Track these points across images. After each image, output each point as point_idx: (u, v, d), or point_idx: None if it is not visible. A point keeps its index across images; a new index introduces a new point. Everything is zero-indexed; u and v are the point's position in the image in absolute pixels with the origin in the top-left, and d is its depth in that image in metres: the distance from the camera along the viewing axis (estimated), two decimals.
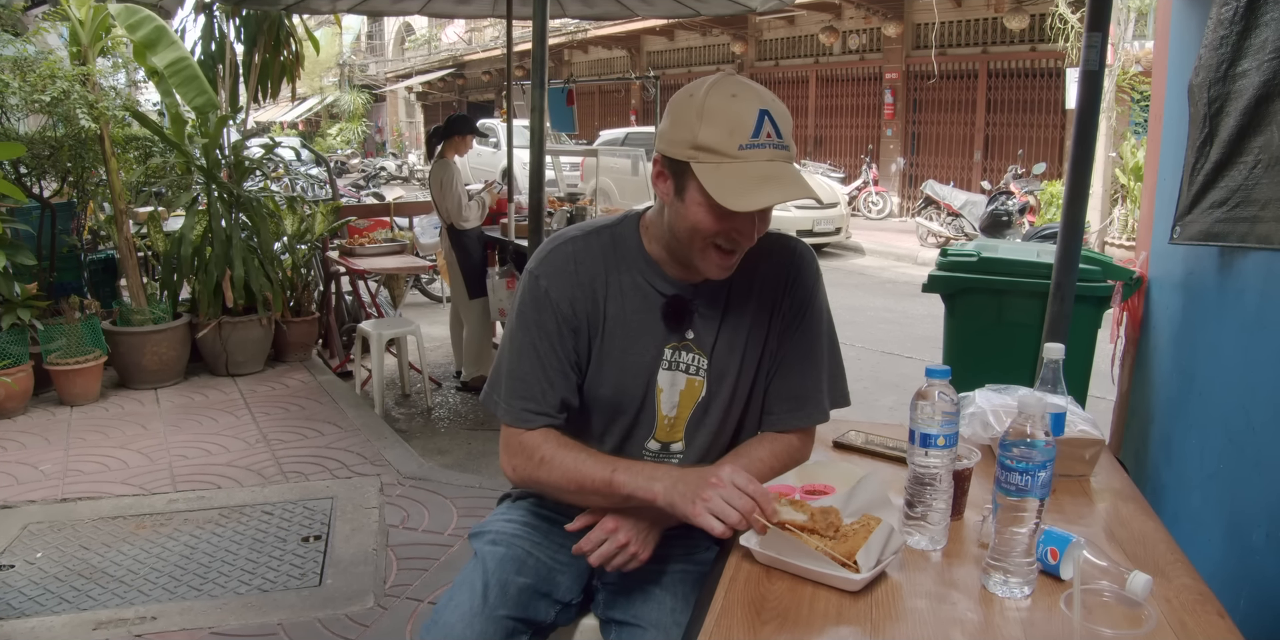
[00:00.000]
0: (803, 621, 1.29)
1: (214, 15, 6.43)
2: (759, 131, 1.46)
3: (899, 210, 15.26)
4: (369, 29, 35.34)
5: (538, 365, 1.64)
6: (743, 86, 1.50)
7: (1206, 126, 2.29)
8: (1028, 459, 1.30)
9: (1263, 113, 2.04)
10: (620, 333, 1.66)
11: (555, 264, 1.66)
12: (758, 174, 1.46)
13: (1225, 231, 2.21)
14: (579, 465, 1.59)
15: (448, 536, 3.54)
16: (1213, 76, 2.26)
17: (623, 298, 1.66)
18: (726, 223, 1.51)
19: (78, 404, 5.10)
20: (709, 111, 1.47)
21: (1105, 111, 10.03)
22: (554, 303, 1.64)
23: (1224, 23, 2.21)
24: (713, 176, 1.46)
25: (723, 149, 1.46)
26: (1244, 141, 2.13)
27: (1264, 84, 2.02)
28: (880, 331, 7.40)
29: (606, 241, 1.69)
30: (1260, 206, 2.05)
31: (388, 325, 5.34)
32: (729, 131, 1.46)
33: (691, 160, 1.48)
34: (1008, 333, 3.41)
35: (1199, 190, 2.32)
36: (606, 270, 1.66)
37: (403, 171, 24.74)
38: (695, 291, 1.67)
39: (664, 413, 1.71)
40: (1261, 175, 2.06)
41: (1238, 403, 2.17)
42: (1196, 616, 1.28)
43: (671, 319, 1.66)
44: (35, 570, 3.23)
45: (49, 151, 5.20)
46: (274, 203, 6.04)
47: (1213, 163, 2.25)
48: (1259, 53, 2.04)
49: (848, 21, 15.83)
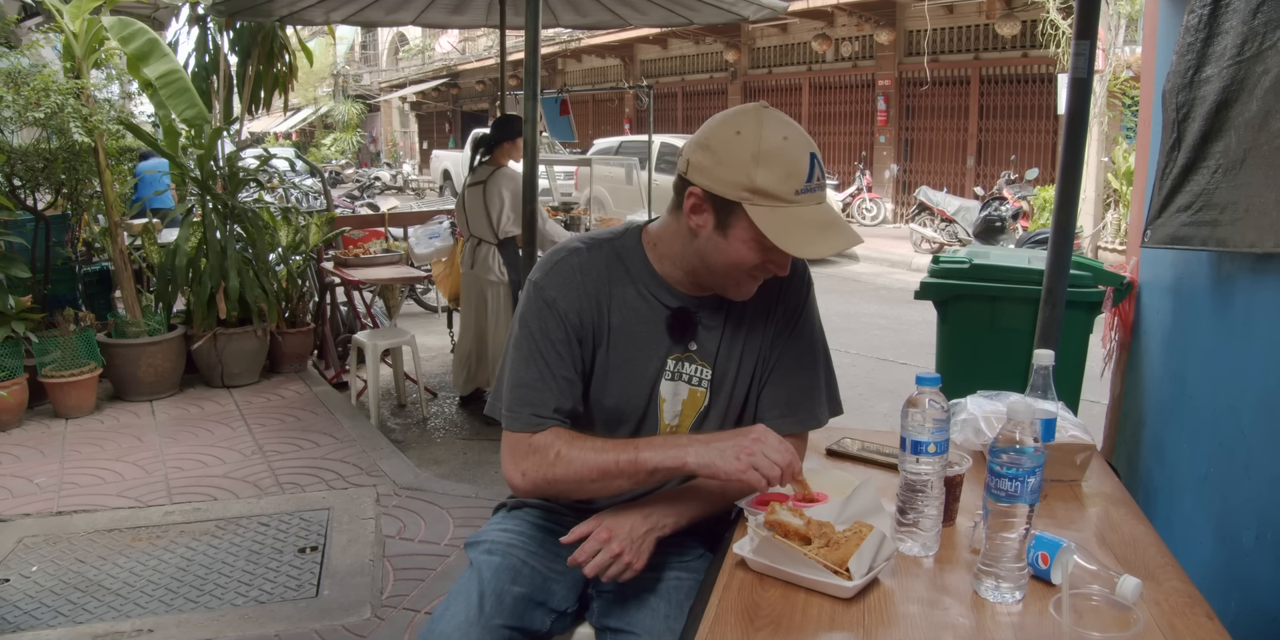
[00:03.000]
0: (795, 629, 1.30)
1: (208, 27, 6.44)
2: (811, 176, 1.51)
3: (893, 216, 15.30)
4: (363, 39, 35.39)
5: (546, 373, 1.64)
6: (790, 127, 1.53)
7: (1175, 132, 2.32)
8: (1017, 465, 1.31)
9: (1223, 118, 2.07)
10: (624, 344, 1.68)
11: (562, 275, 1.67)
12: (815, 219, 1.52)
13: (1189, 235, 2.24)
14: (599, 453, 1.58)
15: (444, 546, 3.54)
16: (1180, 83, 2.29)
17: (626, 309, 1.68)
18: (768, 258, 1.56)
19: (73, 416, 5.10)
20: (765, 155, 1.48)
21: (1097, 116, 10.08)
22: (561, 313, 1.65)
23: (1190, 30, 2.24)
24: (769, 220, 1.49)
25: (781, 194, 1.49)
26: (1207, 146, 2.16)
27: (1223, 89, 2.05)
28: (875, 338, 7.41)
29: (610, 254, 1.70)
30: (1220, 210, 2.08)
31: (383, 336, 5.34)
32: (786, 176, 1.49)
33: (745, 202, 1.50)
34: (1000, 339, 3.42)
35: (1167, 194, 2.36)
36: (610, 282, 1.68)
37: (397, 181, 24.77)
38: (699, 303, 1.70)
39: (666, 422, 1.73)
40: (1221, 179, 2.08)
41: (1228, 406, 2.19)
42: (1186, 619, 1.29)
43: (676, 330, 1.69)
44: (31, 584, 3.22)
45: (43, 164, 5.21)
46: (268, 214, 6.04)
47: (1180, 167, 2.29)
48: (1219, 59, 2.07)
49: (840, 29, 15.89)
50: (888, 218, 15.19)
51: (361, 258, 5.93)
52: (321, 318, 6.31)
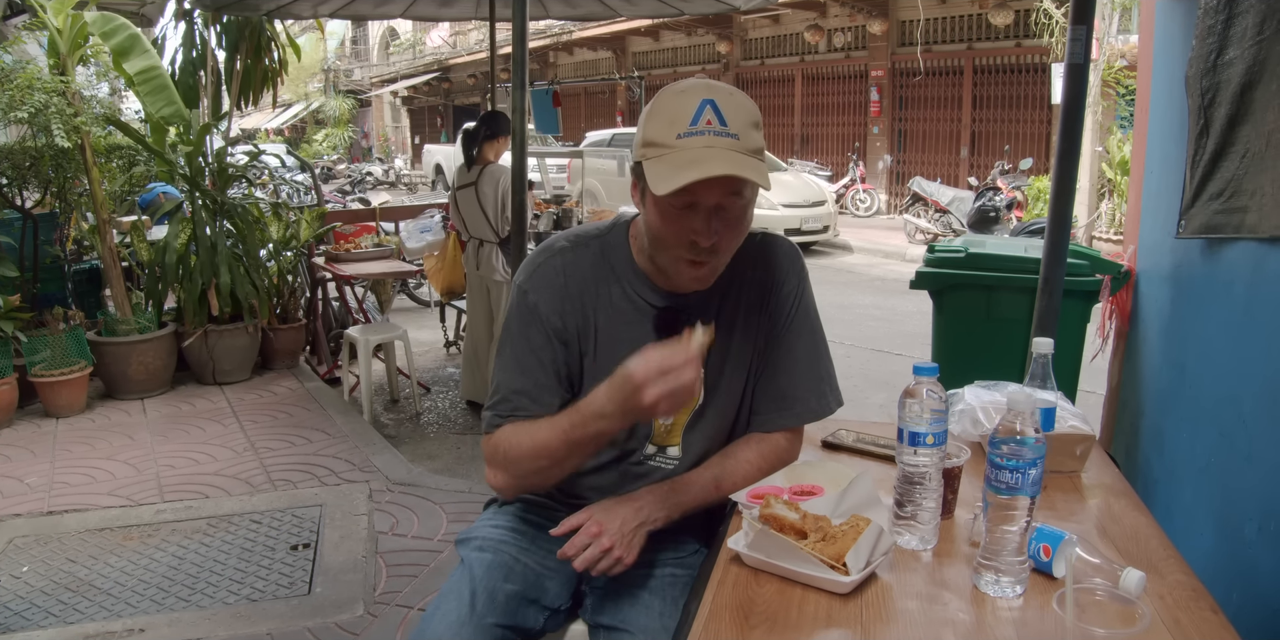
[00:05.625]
0: (792, 625, 1.27)
1: (194, 22, 6.39)
2: (698, 119, 1.44)
3: (886, 207, 15.28)
4: (353, 34, 35.28)
5: (523, 378, 1.63)
6: (695, 84, 1.50)
7: (1202, 118, 2.27)
8: (1018, 456, 1.29)
9: (1248, 100, 2.03)
10: (612, 345, 1.63)
11: (544, 278, 1.64)
12: (688, 158, 1.43)
13: (1222, 223, 2.19)
14: (534, 439, 1.54)
15: (437, 542, 3.51)
16: (1203, 67, 2.24)
17: (613, 310, 1.64)
18: (680, 225, 1.49)
19: (63, 416, 5.06)
20: (655, 109, 1.49)
21: (1091, 106, 10.05)
22: (543, 317, 1.62)
23: (1210, 11, 2.20)
24: (653, 169, 1.46)
25: (664, 141, 1.46)
26: (1234, 131, 2.11)
27: (1247, 71, 2.00)
28: (869, 329, 7.39)
29: (596, 252, 1.66)
30: (1250, 196, 2.03)
31: (375, 331, 5.31)
32: (669, 122, 1.46)
33: (642, 159, 1.48)
34: (996, 328, 3.40)
35: (1199, 183, 2.30)
36: (596, 283, 1.64)
37: (389, 176, 24.71)
38: (686, 302, 1.65)
39: (660, 421, 1.69)
40: (1250, 164, 2.04)
41: (1228, 395, 2.16)
42: (1190, 613, 1.26)
43: (663, 331, 1.63)
44: (21, 584, 3.19)
45: (30, 162, 5.16)
46: (259, 209, 6.00)
47: (1209, 154, 2.23)
48: (1241, 41, 2.03)
49: (833, 19, 15.85)
50: (881, 209, 15.17)
51: (353, 253, 5.90)
52: (313, 313, 6.28)
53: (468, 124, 5.49)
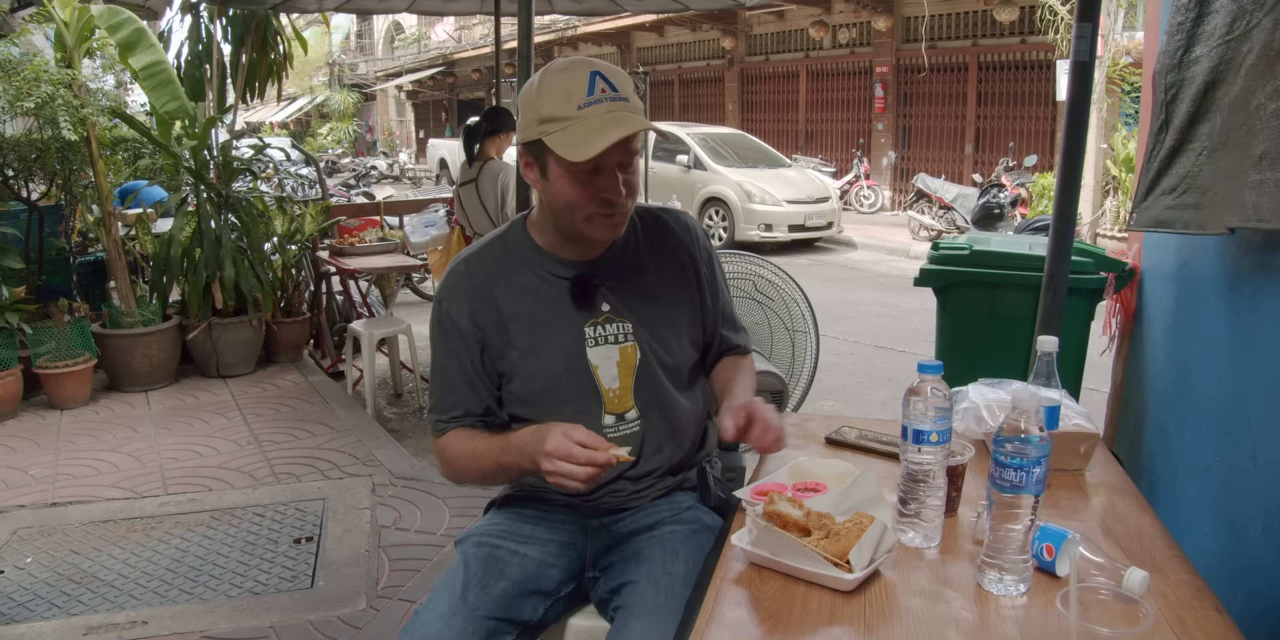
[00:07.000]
0: (795, 622, 1.27)
1: (200, 15, 6.38)
2: (593, 90, 1.54)
3: (890, 204, 15.25)
4: (358, 28, 35.24)
5: (448, 382, 1.75)
6: (574, 60, 1.59)
7: (1163, 113, 2.29)
8: (1022, 455, 1.28)
9: (1210, 99, 2.04)
10: (532, 327, 1.71)
11: (451, 286, 1.75)
12: (598, 124, 1.53)
13: (1174, 218, 2.22)
14: (473, 452, 1.71)
15: (440, 536, 3.51)
16: (1169, 63, 2.26)
17: (528, 294, 1.72)
18: (592, 187, 1.58)
19: (67, 407, 5.07)
20: (545, 87, 1.57)
21: (1096, 103, 10.03)
22: (455, 321, 1.73)
23: (1180, 9, 2.21)
24: (561, 140, 1.53)
25: (564, 114, 1.54)
26: (1194, 128, 2.13)
27: (1211, 70, 2.01)
28: (873, 326, 7.38)
29: (499, 250, 1.77)
30: (1202, 193, 2.05)
31: (379, 325, 5.31)
32: (566, 96, 1.54)
33: (542, 135, 1.55)
34: (1000, 326, 3.39)
35: (1154, 177, 2.33)
36: (505, 275, 1.73)
37: (394, 170, 24.70)
38: (595, 267, 1.73)
39: (606, 387, 1.73)
40: (1205, 162, 2.05)
41: (1233, 394, 2.16)
42: (1194, 613, 1.26)
43: (580, 297, 1.72)
44: (25, 576, 3.20)
45: (36, 154, 5.16)
46: (263, 203, 6.00)
47: (1166, 149, 2.26)
48: (1209, 39, 2.03)
49: (837, 15, 15.81)
50: (885, 205, 15.15)
51: (357, 246, 5.89)
52: (317, 307, 6.28)
53: (470, 119, 5.48)
